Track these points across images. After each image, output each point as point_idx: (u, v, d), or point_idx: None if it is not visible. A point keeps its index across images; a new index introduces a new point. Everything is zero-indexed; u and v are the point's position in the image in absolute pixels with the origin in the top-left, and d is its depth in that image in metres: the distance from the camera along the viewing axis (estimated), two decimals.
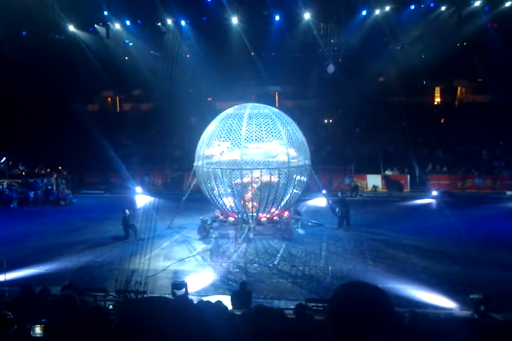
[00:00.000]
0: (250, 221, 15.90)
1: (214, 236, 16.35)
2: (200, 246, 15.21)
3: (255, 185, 15.73)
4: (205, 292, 10.80)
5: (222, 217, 16.80)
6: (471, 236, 14.78)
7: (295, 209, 17.82)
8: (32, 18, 25.82)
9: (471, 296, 8.62)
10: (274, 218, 16.59)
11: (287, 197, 16.19)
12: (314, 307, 8.51)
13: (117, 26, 31.34)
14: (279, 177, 15.63)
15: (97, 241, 15.70)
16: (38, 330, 3.39)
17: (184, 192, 18.38)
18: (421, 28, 29.25)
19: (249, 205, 15.81)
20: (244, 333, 4.43)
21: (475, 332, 2.33)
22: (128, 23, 31.15)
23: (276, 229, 16.26)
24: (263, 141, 15.62)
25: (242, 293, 9.45)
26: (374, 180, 26.17)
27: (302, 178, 16.44)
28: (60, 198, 23.52)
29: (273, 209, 16.30)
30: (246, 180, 15.70)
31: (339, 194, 18.01)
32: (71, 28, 30.66)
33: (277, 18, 29.93)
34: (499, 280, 11.10)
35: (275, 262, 13.27)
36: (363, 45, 30.38)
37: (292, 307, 7.59)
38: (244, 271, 12.51)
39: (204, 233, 16.13)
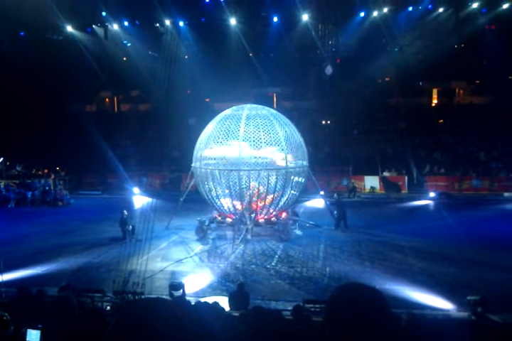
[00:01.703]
0: (248, 222, 15.89)
1: (212, 237, 16.35)
2: (198, 247, 15.20)
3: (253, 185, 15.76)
4: (203, 293, 10.78)
5: (219, 218, 16.79)
6: (468, 238, 14.80)
7: (293, 211, 17.82)
8: (30, 18, 25.77)
9: (469, 297, 8.62)
10: (272, 219, 16.58)
11: (285, 198, 16.20)
12: (312, 309, 8.51)
13: (115, 27, 31.33)
14: (276, 178, 15.65)
15: (94, 242, 15.66)
16: (33, 335, 3.36)
17: (182, 193, 18.38)
18: (419, 30, 29.31)
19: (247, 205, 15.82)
20: (242, 334, 4.43)
21: (472, 334, 2.34)
22: (126, 23, 31.13)
23: (274, 230, 16.25)
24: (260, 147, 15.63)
25: (239, 294, 9.43)
26: (372, 182, 26.21)
27: (300, 179, 16.44)
28: (57, 199, 23.48)
29: (271, 210, 16.31)
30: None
31: (335, 195, 18.12)
32: (69, 28, 30.64)
33: (275, 19, 29.95)
34: (496, 282, 11.13)
35: (273, 263, 13.27)
36: (361, 46, 30.42)
37: (290, 308, 7.60)
38: (242, 272, 12.50)
39: (202, 234, 16.12)
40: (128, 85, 35.54)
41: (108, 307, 8.45)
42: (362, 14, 29.33)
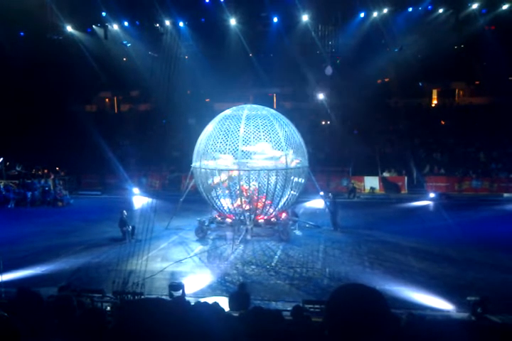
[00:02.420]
0: (248, 222, 15.89)
1: (211, 237, 16.35)
2: (198, 247, 15.20)
3: (254, 186, 15.76)
4: (203, 293, 10.77)
5: (219, 219, 16.79)
6: (468, 238, 14.83)
7: (292, 211, 17.82)
8: (30, 18, 25.78)
9: (469, 298, 8.63)
10: (272, 220, 16.58)
11: (285, 198, 16.19)
12: (311, 309, 8.52)
13: (115, 27, 31.31)
14: (276, 178, 15.65)
15: (94, 242, 15.67)
16: None
17: (182, 193, 18.37)
18: (418, 31, 29.32)
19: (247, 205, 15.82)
20: (241, 335, 4.42)
21: (472, 334, 2.33)
22: (126, 23, 31.12)
23: (273, 230, 16.25)
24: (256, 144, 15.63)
25: (239, 295, 9.42)
26: (372, 182, 26.20)
27: (300, 180, 16.44)
28: (57, 199, 23.47)
29: (271, 211, 16.30)
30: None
31: (329, 195, 18.28)
32: (69, 28, 30.61)
33: (275, 19, 29.95)
34: (496, 282, 11.13)
35: (272, 264, 13.26)
36: (361, 46, 30.43)
37: (289, 308, 7.59)
38: (242, 273, 12.50)
39: (201, 234, 16.13)
40: (128, 85, 35.57)
41: (108, 308, 8.44)
42: (362, 15, 29.35)
